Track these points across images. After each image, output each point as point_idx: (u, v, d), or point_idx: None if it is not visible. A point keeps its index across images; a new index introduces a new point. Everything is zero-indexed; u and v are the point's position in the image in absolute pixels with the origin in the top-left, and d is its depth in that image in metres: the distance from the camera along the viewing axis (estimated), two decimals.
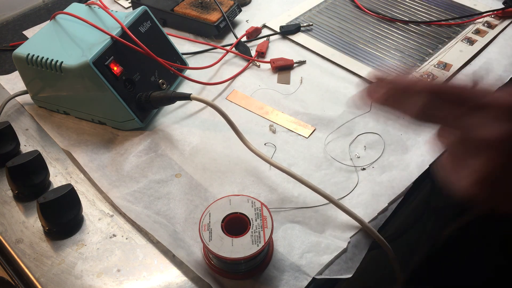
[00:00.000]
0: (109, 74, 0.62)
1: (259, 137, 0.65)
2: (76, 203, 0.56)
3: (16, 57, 0.65)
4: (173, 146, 0.64)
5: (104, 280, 0.51)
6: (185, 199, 0.58)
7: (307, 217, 0.56)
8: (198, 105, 0.70)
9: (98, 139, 0.66)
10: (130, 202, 0.58)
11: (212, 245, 0.48)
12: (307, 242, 0.53)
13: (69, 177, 0.62)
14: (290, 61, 0.75)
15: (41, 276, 0.52)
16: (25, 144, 0.66)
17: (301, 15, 0.86)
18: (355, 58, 0.76)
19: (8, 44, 0.82)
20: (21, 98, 0.72)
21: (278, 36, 0.82)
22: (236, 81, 0.74)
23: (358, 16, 0.85)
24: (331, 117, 0.67)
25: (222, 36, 0.82)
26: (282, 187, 0.59)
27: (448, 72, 0.72)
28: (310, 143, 0.64)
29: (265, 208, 0.51)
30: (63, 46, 0.65)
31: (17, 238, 0.55)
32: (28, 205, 0.59)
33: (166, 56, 0.70)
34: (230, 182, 0.60)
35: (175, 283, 0.51)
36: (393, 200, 0.57)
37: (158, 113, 0.69)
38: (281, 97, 0.71)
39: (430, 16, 0.83)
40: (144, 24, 0.68)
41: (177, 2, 0.83)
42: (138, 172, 0.61)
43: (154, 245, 0.54)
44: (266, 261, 0.51)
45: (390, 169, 0.60)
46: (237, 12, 0.84)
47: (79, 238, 0.55)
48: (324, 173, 0.61)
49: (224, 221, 0.50)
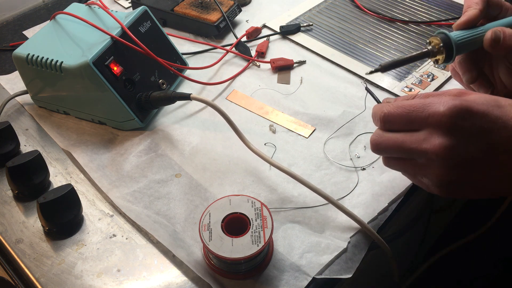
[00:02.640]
0: (109, 74, 0.62)
1: (259, 137, 0.65)
2: (76, 203, 0.56)
3: (16, 57, 0.65)
4: (173, 146, 0.64)
5: (104, 280, 0.51)
6: (185, 199, 0.58)
7: (307, 217, 0.56)
8: (198, 105, 0.70)
9: (98, 139, 0.66)
10: (130, 202, 0.58)
11: (212, 245, 0.48)
12: (307, 242, 0.53)
13: (69, 177, 0.62)
14: (290, 61, 0.75)
15: (41, 276, 0.52)
16: (25, 144, 0.66)
17: (301, 15, 0.86)
18: (355, 58, 0.76)
19: (8, 44, 0.82)
20: (21, 98, 0.72)
21: (278, 36, 0.82)
22: (236, 81, 0.74)
23: (358, 16, 0.85)
24: (331, 117, 0.67)
25: (222, 36, 0.82)
26: (282, 187, 0.59)
27: (448, 72, 0.72)
28: (310, 143, 0.64)
29: (265, 208, 0.51)
30: (63, 46, 0.65)
31: (17, 238, 0.55)
32: (28, 205, 0.59)
33: (166, 56, 0.70)
34: (230, 182, 0.60)
35: (175, 283, 0.51)
36: (393, 200, 0.57)
37: (158, 113, 0.69)
38: (281, 97, 0.71)
39: (430, 16, 0.83)
40: (144, 24, 0.68)
41: (177, 2, 0.83)
42: (138, 172, 0.61)
43: (154, 245, 0.54)
44: (266, 261, 0.51)
45: (390, 169, 0.60)
46: (237, 12, 0.84)
47: (79, 238, 0.55)
48: (324, 173, 0.61)
49: (224, 221, 0.50)
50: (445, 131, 0.43)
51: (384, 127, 0.48)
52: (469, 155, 0.43)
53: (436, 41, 0.53)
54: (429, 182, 0.46)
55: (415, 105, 0.45)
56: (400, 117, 0.46)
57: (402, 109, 0.45)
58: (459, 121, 0.42)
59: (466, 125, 0.42)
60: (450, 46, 0.52)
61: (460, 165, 0.43)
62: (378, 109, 0.48)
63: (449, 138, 0.42)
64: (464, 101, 0.43)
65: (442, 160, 0.43)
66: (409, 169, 0.48)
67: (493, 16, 0.56)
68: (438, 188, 0.46)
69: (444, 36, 0.52)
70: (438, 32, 0.53)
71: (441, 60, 0.54)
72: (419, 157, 0.45)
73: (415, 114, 0.44)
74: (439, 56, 0.54)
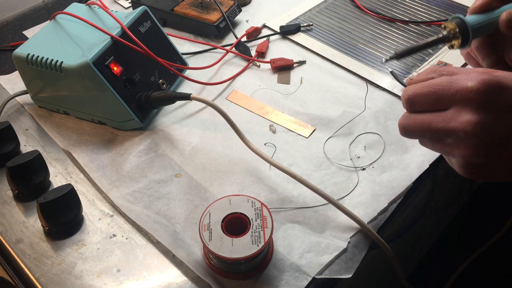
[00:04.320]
0: (109, 74, 0.62)
1: (259, 137, 0.65)
2: (76, 203, 0.56)
3: (16, 57, 0.65)
4: (173, 146, 0.64)
5: (104, 280, 0.51)
6: (185, 199, 0.58)
7: (307, 217, 0.56)
8: (198, 105, 0.70)
9: (98, 139, 0.66)
10: (130, 202, 0.58)
11: (212, 245, 0.48)
12: (307, 242, 0.53)
13: (69, 177, 0.62)
14: (290, 61, 0.75)
15: (41, 276, 0.52)
16: (25, 144, 0.66)
17: (301, 15, 0.86)
18: (355, 58, 0.76)
19: (8, 44, 0.82)
20: (21, 98, 0.72)
21: (278, 36, 0.82)
22: (236, 81, 0.74)
23: (358, 16, 0.85)
24: (331, 117, 0.67)
25: (222, 36, 0.82)
26: (282, 187, 0.59)
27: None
28: (310, 143, 0.64)
29: (265, 208, 0.51)
30: (63, 46, 0.65)
31: (17, 238, 0.55)
32: (28, 205, 0.59)
33: (166, 56, 0.70)
34: (230, 182, 0.60)
35: (175, 283, 0.51)
36: (393, 200, 0.57)
37: (158, 113, 0.69)
38: (281, 97, 0.71)
39: (430, 16, 0.83)
40: (144, 24, 0.68)
41: (177, 2, 0.83)
42: (138, 172, 0.61)
43: (154, 245, 0.54)
44: (266, 261, 0.51)
45: (390, 169, 0.60)
46: (237, 12, 0.84)
47: (79, 238, 0.55)
48: (324, 173, 0.61)
49: (224, 221, 0.50)
50: (474, 107, 0.40)
51: (411, 109, 0.45)
52: (499, 133, 0.40)
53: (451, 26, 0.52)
54: (456, 163, 0.43)
55: (441, 83, 0.42)
56: (426, 96, 0.43)
57: (428, 88, 0.43)
58: (489, 96, 0.40)
59: (497, 101, 0.40)
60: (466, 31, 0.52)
61: (489, 144, 0.40)
62: (404, 92, 0.45)
63: (478, 114, 0.40)
64: (494, 76, 0.40)
65: (470, 138, 0.40)
66: (441, 150, 0.45)
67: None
68: (465, 169, 0.43)
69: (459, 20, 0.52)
70: (454, 17, 0.52)
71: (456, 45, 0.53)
72: (448, 137, 0.42)
73: (442, 92, 0.42)
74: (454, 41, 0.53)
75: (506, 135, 0.40)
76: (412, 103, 0.45)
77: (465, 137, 0.40)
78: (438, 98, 0.42)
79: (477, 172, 0.43)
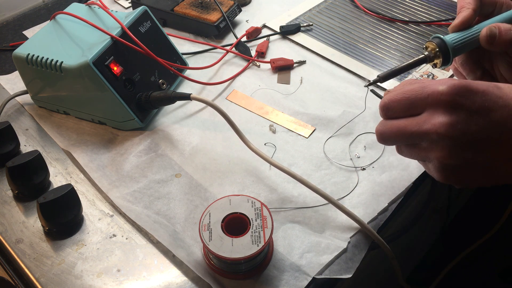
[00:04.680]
0: (109, 74, 0.62)
1: (259, 137, 0.65)
2: (76, 203, 0.56)
3: (16, 57, 0.65)
4: (173, 146, 0.64)
5: (104, 280, 0.51)
6: (185, 199, 0.58)
7: (307, 217, 0.56)
8: (198, 105, 0.70)
9: (98, 139, 0.66)
10: (130, 202, 0.58)
11: (212, 245, 0.48)
12: (307, 242, 0.53)
13: (69, 177, 0.62)
14: (290, 61, 0.75)
15: (41, 276, 0.52)
16: (25, 144, 0.66)
17: (301, 15, 0.86)
18: (355, 58, 0.76)
19: (8, 44, 0.82)
20: (21, 98, 0.72)
21: (278, 36, 0.82)
22: (236, 81, 0.74)
23: (358, 16, 0.85)
24: (331, 117, 0.67)
25: (222, 36, 0.82)
26: (282, 187, 0.59)
27: (448, 72, 0.72)
28: (310, 143, 0.64)
29: (265, 208, 0.51)
30: (63, 46, 0.65)
31: (17, 238, 0.55)
32: (28, 205, 0.59)
33: (166, 56, 0.70)
34: (230, 182, 0.60)
35: (175, 283, 0.51)
36: (393, 200, 0.57)
37: (158, 113, 0.69)
38: (281, 97, 0.71)
39: (430, 16, 0.83)
40: (144, 24, 0.68)
41: (177, 2, 0.83)
42: (138, 172, 0.61)
43: (154, 245, 0.54)
44: (266, 261, 0.52)
45: (390, 169, 0.60)
46: (237, 12, 0.84)
47: (79, 238, 0.55)
48: (324, 173, 0.61)
49: (224, 221, 0.50)
50: (445, 108, 0.41)
51: (386, 116, 0.47)
52: (471, 134, 0.41)
53: (432, 46, 0.53)
54: (433, 167, 0.44)
55: (414, 89, 0.44)
56: (400, 102, 0.45)
57: (402, 95, 0.45)
58: (459, 98, 0.41)
59: (466, 103, 0.41)
60: (446, 50, 0.52)
61: (462, 145, 0.41)
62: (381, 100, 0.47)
63: (449, 115, 0.41)
64: (463, 81, 0.42)
65: (443, 139, 0.41)
66: (417, 156, 0.46)
67: (488, 14, 0.55)
68: (441, 173, 0.44)
69: (439, 40, 0.52)
70: (434, 37, 0.53)
71: (439, 64, 0.54)
72: (422, 141, 0.44)
73: (415, 96, 0.44)
74: (436, 60, 0.54)
75: (477, 136, 0.41)
76: (387, 110, 0.46)
77: (438, 139, 0.42)
78: (412, 103, 0.44)
79: (452, 176, 0.44)
